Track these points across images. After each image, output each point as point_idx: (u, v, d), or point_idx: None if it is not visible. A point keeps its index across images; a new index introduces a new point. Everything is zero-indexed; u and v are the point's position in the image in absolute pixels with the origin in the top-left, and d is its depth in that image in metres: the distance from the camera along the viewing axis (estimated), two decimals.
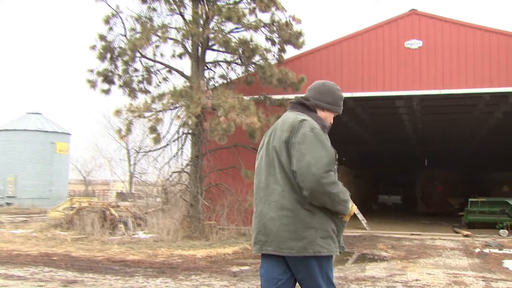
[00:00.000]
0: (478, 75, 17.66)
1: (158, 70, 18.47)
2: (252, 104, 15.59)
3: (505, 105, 20.50)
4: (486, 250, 14.27)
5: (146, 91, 18.14)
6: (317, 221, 3.46)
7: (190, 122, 16.54)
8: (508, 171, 30.18)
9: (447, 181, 34.48)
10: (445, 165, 36.98)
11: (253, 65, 17.58)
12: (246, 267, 11.01)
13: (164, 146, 17.39)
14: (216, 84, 18.42)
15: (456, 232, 19.66)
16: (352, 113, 23.71)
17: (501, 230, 18.74)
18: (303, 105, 3.79)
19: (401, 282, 9.20)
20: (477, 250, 14.43)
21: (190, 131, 17.48)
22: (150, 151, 18.63)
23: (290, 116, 3.69)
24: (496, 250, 14.26)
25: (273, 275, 3.55)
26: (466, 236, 18.04)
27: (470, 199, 22.60)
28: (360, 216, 19.14)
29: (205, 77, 17.99)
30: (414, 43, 18.37)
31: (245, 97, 16.31)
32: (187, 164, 17.69)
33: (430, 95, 18.69)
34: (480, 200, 22.28)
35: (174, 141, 17.41)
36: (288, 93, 17.93)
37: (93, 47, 17.43)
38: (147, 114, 16.67)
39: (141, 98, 17.90)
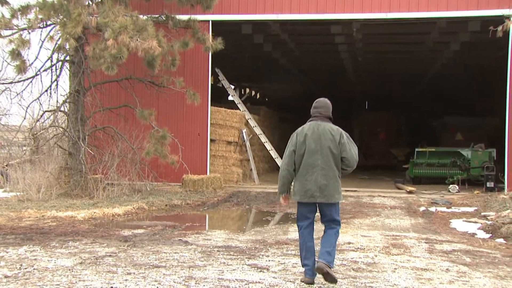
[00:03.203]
0: None
1: None
2: (151, 25, 15.23)
3: (464, 34, 21.23)
4: (432, 209, 15.16)
5: (4, 2, 17.18)
6: (341, 183, 7.43)
7: (67, 46, 16.06)
8: (463, 116, 31.63)
9: (391, 128, 35.78)
10: (389, 109, 38.22)
11: None
12: (141, 230, 11.08)
13: (32, 77, 16.86)
14: None
15: (399, 188, 20.66)
16: (277, 41, 23.83)
17: (450, 186, 19.87)
18: (330, 119, 7.47)
19: None
20: (422, 208, 15.31)
21: (68, 58, 16.97)
22: (12, 83, 17.92)
23: (329, 126, 7.36)
24: (444, 209, 15.18)
25: (306, 214, 7.45)
26: (410, 192, 19.02)
27: (416, 149, 23.65)
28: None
29: None
30: None
31: (141, 16, 15.92)
32: (64, 101, 17.22)
33: (373, 20, 19.09)
34: (428, 150, 23.38)
35: (45, 70, 16.88)
36: (197, 12, 17.70)
37: None
38: (6, 32, 15.97)
39: None
